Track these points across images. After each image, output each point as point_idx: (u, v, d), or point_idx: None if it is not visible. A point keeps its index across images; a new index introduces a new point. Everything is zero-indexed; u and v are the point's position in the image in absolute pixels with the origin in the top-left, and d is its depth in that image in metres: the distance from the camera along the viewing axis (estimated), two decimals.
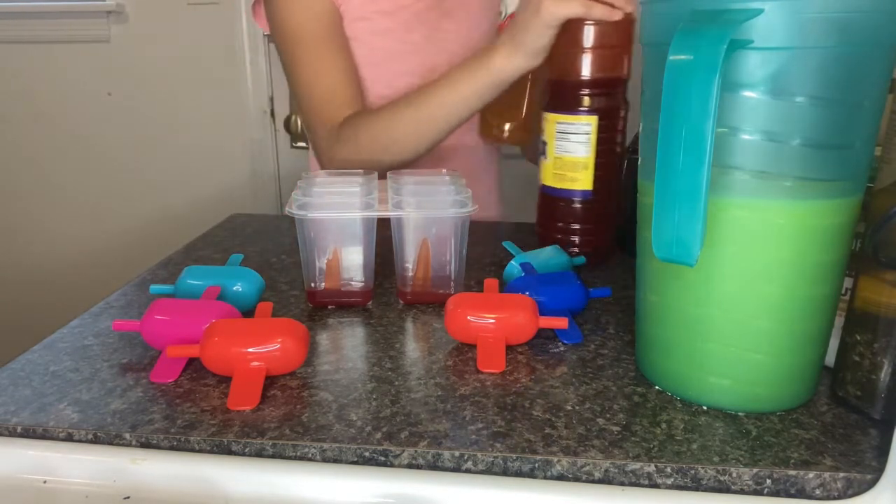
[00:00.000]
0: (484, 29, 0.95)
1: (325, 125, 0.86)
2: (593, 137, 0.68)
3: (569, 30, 0.67)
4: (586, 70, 0.67)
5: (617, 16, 0.67)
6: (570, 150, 0.69)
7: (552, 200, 0.72)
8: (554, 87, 0.71)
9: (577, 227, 0.72)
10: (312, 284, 0.63)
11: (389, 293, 0.67)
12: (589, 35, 0.66)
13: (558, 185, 0.71)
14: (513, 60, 0.74)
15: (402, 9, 0.89)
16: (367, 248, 0.62)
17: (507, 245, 0.73)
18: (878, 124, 0.43)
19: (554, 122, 0.69)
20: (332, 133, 0.85)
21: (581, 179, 0.69)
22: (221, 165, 0.99)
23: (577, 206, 0.71)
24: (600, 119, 0.67)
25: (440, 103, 0.79)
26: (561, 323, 0.55)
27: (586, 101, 0.68)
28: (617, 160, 0.71)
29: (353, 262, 0.63)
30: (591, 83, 0.68)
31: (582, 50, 0.67)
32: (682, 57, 0.38)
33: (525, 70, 0.75)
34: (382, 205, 0.61)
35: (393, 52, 0.90)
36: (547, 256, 0.67)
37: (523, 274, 0.64)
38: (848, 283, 0.47)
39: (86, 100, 1.73)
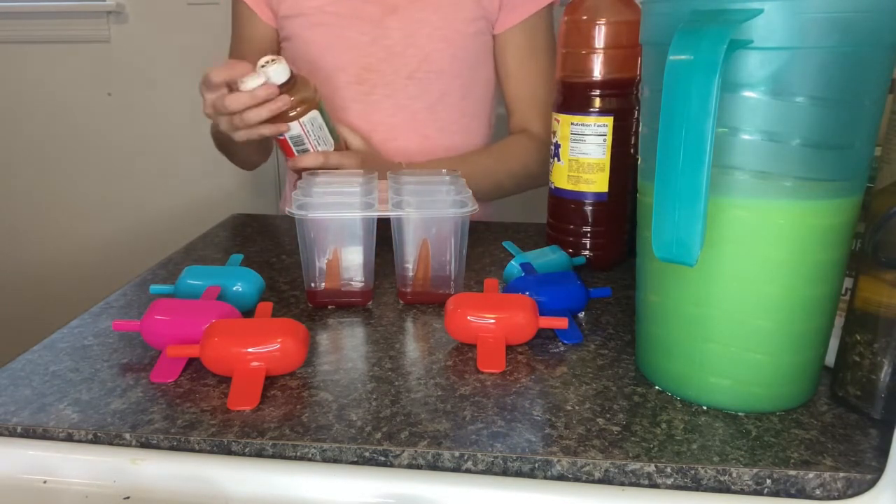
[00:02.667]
0: (430, 28, 0.92)
1: None
2: (609, 138, 0.68)
3: (583, 30, 0.67)
4: (602, 70, 0.67)
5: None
6: (586, 151, 0.68)
7: (565, 203, 0.72)
8: (567, 88, 0.70)
9: (591, 229, 0.71)
10: (312, 284, 0.63)
11: (389, 293, 0.67)
12: (601, 35, 0.66)
13: (573, 188, 0.70)
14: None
15: (336, 3, 0.90)
16: (367, 248, 0.62)
17: (507, 245, 0.73)
18: (878, 124, 0.43)
19: (568, 124, 0.69)
20: None
21: (597, 181, 0.69)
22: (221, 165, 0.99)
23: (593, 208, 0.71)
24: (616, 120, 0.67)
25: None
26: (561, 323, 0.55)
27: (602, 101, 0.68)
28: (630, 161, 0.71)
29: (353, 263, 0.63)
30: (608, 83, 0.67)
31: (597, 50, 0.66)
32: (682, 57, 0.38)
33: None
34: (382, 205, 0.61)
35: (326, 48, 0.91)
36: (547, 256, 0.67)
37: (523, 274, 0.64)
38: (848, 283, 0.47)
39: (86, 100, 1.72)
